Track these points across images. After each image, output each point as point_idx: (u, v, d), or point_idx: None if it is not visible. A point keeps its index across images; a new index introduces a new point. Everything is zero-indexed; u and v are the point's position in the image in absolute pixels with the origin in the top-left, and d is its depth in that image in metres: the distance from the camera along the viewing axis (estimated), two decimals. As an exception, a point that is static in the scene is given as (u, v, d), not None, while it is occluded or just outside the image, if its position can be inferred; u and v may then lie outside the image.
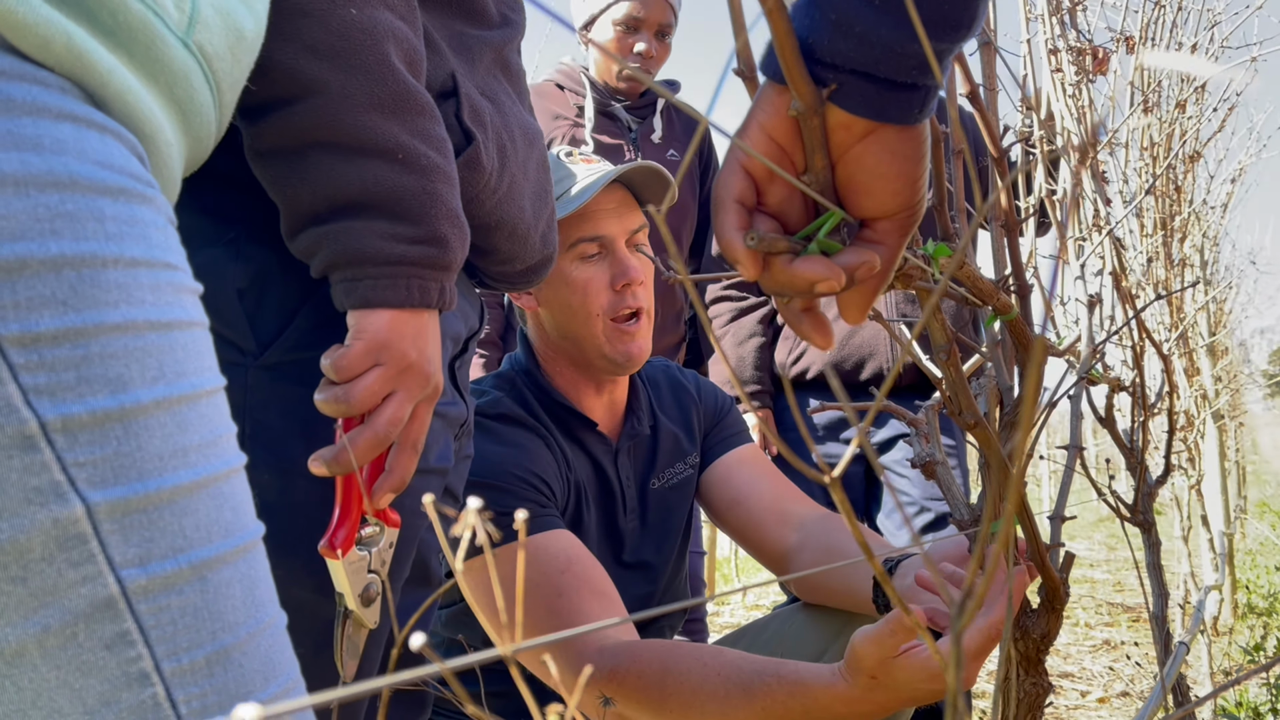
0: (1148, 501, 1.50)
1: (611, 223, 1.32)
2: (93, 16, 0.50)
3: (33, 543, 0.46)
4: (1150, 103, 1.97)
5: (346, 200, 0.68)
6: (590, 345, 1.34)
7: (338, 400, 0.68)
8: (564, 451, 1.35)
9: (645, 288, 1.35)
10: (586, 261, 1.32)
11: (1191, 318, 2.78)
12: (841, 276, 0.54)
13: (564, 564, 1.18)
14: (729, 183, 0.57)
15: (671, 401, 1.52)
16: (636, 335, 1.34)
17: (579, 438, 1.38)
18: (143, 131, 0.54)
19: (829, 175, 0.56)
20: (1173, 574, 3.29)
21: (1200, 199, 2.82)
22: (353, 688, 0.26)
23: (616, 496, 1.41)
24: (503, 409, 1.33)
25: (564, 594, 1.16)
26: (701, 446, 1.53)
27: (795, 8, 0.52)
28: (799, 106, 0.52)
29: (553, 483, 1.29)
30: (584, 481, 1.37)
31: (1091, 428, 6.82)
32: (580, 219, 1.30)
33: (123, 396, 0.49)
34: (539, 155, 0.91)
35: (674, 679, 1.03)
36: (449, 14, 0.83)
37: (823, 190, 0.55)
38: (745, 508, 1.44)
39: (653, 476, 1.45)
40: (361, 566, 0.73)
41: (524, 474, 1.25)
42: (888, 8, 0.50)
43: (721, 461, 1.50)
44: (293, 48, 0.65)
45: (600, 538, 1.40)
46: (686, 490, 1.50)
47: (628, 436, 1.42)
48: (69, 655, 0.48)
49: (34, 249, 0.46)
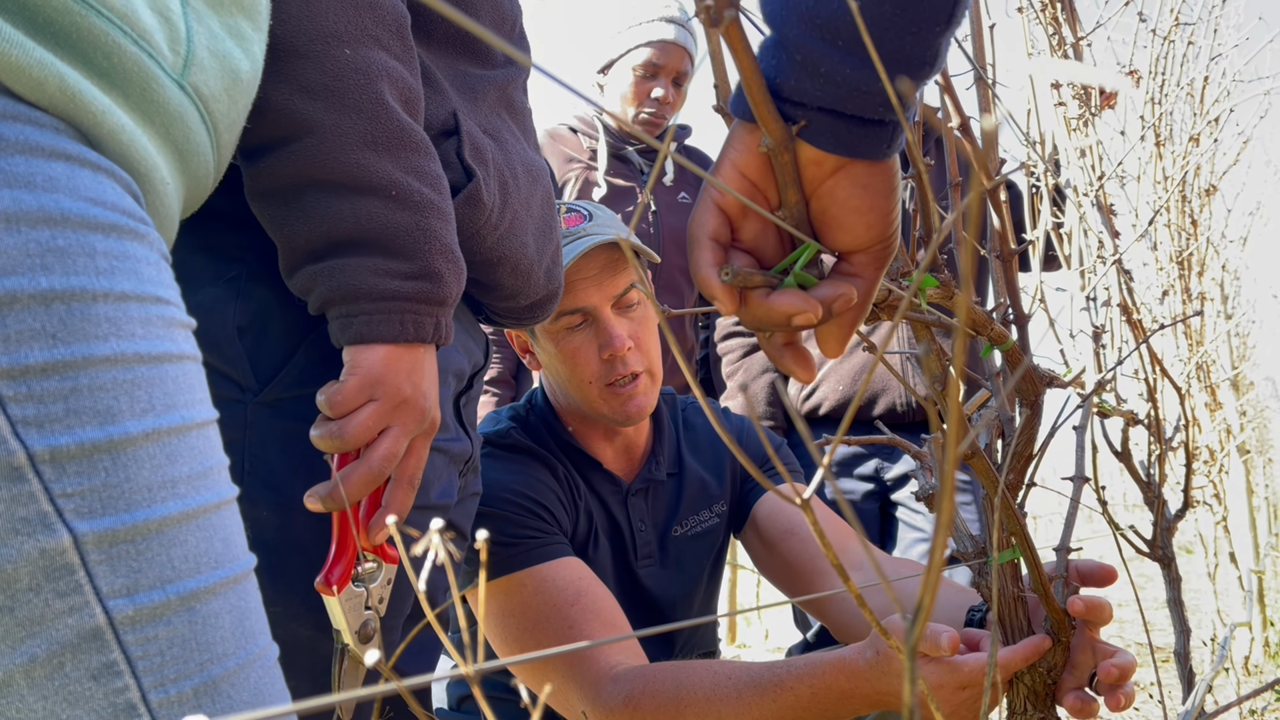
0: (1166, 536, 1.48)
1: (592, 292, 1.29)
2: (87, 58, 0.52)
3: (20, 573, 0.46)
4: (1161, 137, 1.97)
5: (341, 237, 0.69)
6: (589, 407, 1.34)
7: (332, 435, 0.69)
8: (572, 481, 1.34)
9: (638, 350, 1.32)
10: (573, 332, 1.30)
11: (1212, 351, 2.75)
12: (818, 309, 0.54)
13: (573, 596, 1.17)
14: (703, 220, 0.57)
15: (707, 445, 1.50)
16: (635, 395, 1.31)
17: (588, 477, 1.38)
18: (137, 170, 0.55)
19: (803, 209, 0.56)
20: (1205, 613, 3.23)
21: (1219, 232, 2.81)
22: (308, 702, 0.26)
23: (626, 539, 1.39)
24: (511, 439, 1.33)
25: (575, 626, 1.15)
26: (741, 489, 1.50)
27: (762, 48, 0.53)
28: (769, 143, 0.53)
29: (556, 510, 1.28)
30: (595, 515, 1.36)
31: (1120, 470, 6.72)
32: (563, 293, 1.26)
33: (111, 428, 0.49)
34: (543, 192, 0.93)
35: (688, 691, 1.04)
36: (452, 54, 0.85)
37: (797, 224, 0.56)
38: (799, 537, 1.39)
39: (675, 524, 1.43)
40: (359, 603, 0.73)
41: (525, 501, 1.24)
42: (850, 48, 0.50)
43: (770, 495, 1.46)
44: (288, 89, 0.67)
45: (615, 581, 1.39)
46: (712, 540, 1.48)
47: (643, 480, 1.41)
48: (56, 685, 0.48)
49: (24, 283, 0.47)
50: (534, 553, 1.21)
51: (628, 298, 1.31)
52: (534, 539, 1.23)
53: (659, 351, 1.37)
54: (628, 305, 1.32)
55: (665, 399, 1.51)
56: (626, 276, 1.31)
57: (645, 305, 1.34)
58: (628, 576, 1.40)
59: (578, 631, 1.15)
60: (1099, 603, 0.90)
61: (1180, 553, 6.23)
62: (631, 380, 1.31)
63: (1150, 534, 1.45)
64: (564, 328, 1.30)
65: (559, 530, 1.27)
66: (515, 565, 1.21)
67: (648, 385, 1.33)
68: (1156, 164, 1.96)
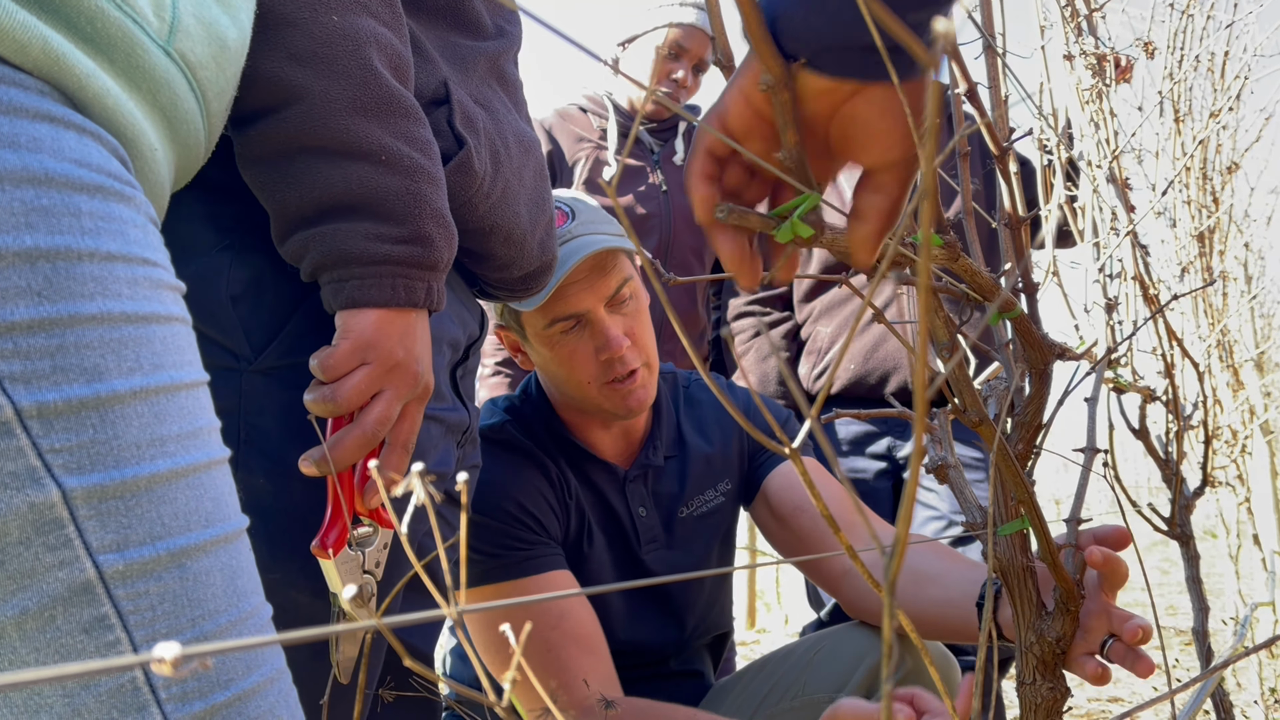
0: (1184, 514, 1.46)
1: (584, 296, 1.26)
2: (71, 23, 0.52)
3: (9, 526, 0.47)
4: (1180, 113, 1.94)
5: (332, 203, 0.69)
6: (589, 405, 1.33)
7: (325, 399, 0.69)
8: (564, 479, 1.34)
9: (636, 347, 1.30)
10: (567, 335, 1.28)
11: (1235, 331, 2.72)
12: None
13: (555, 619, 1.18)
14: (694, 164, 0.58)
15: (714, 421, 1.49)
16: (635, 389, 1.30)
17: (582, 468, 1.37)
18: (124, 135, 0.56)
19: (802, 151, 0.56)
20: (1228, 595, 3.20)
21: (1242, 210, 2.77)
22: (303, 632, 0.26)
23: (626, 527, 1.39)
24: (504, 435, 1.33)
25: (554, 650, 1.16)
26: (751, 464, 1.49)
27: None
28: (769, 80, 0.53)
29: (545, 518, 1.28)
30: (589, 509, 1.36)
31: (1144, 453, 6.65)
32: (551, 300, 1.24)
33: (99, 385, 0.50)
34: (535, 163, 0.93)
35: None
36: (442, 25, 0.85)
37: (796, 166, 0.56)
38: (810, 513, 1.39)
39: (681, 505, 1.43)
40: (355, 567, 0.74)
41: (514, 509, 1.25)
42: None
43: (783, 469, 1.46)
44: (277, 56, 0.67)
45: (616, 570, 1.38)
46: (719, 518, 1.47)
47: (639, 466, 1.40)
48: (47, 638, 0.48)
49: (8, 241, 0.47)
50: (521, 565, 1.22)
51: (620, 294, 1.29)
52: (520, 550, 1.23)
53: (654, 340, 1.36)
54: (620, 302, 1.30)
55: (665, 378, 1.49)
56: (617, 275, 1.28)
57: (637, 297, 1.32)
58: (631, 564, 1.39)
59: (555, 655, 1.16)
60: (1116, 557, 0.89)
61: (1205, 537, 6.18)
62: (630, 376, 1.29)
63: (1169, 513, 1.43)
64: (558, 332, 1.28)
65: (546, 538, 1.27)
66: (500, 576, 1.22)
67: (646, 377, 1.32)
68: (1176, 140, 1.94)
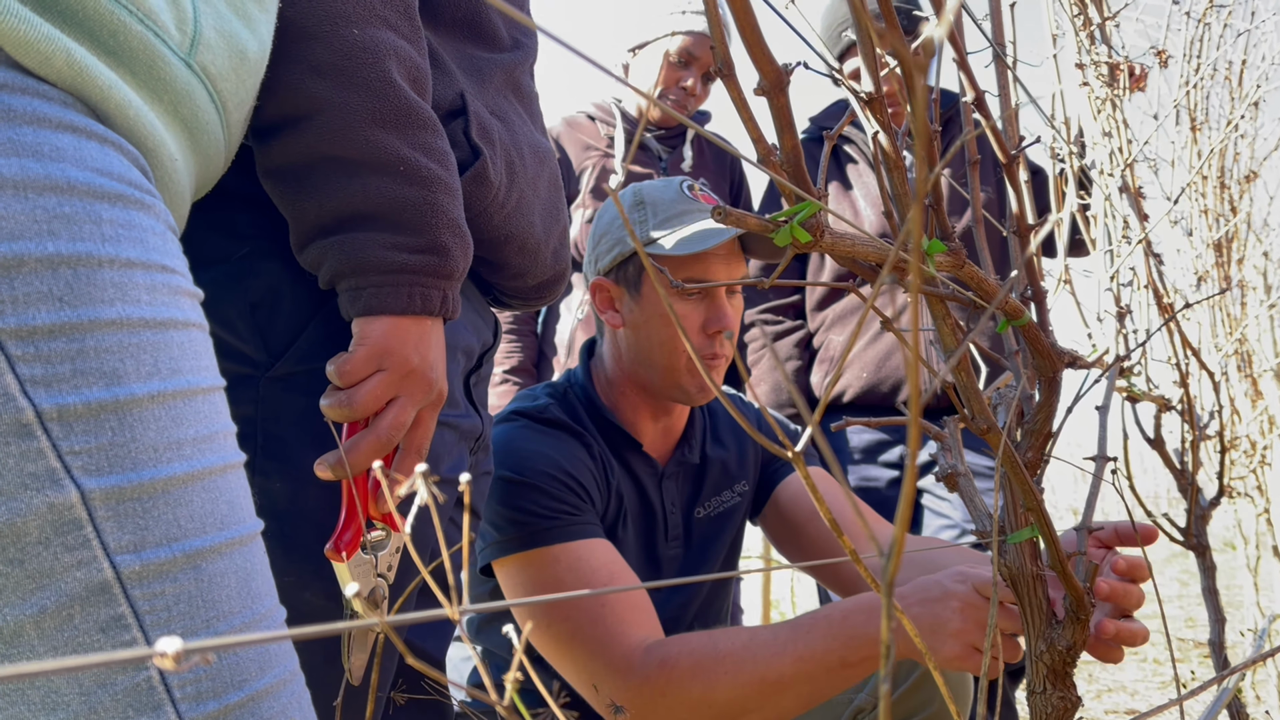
0: (1200, 525, 1.45)
1: (720, 270, 1.31)
2: (93, 35, 0.53)
3: (29, 526, 0.48)
4: (1197, 121, 1.94)
5: (351, 212, 0.70)
6: (668, 376, 1.34)
7: (341, 405, 0.71)
8: (606, 461, 1.35)
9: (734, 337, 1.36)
10: (687, 300, 1.32)
11: (1254, 341, 2.70)
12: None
13: (606, 578, 1.18)
14: None
15: (729, 430, 1.53)
16: (719, 367, 1.35)
17: (624, 457, 1.38)
18: (145, 145, 0.57)
19: (799, 156, 0.56)
20: (1247, 608, 3.16)
21: (1260, 219, 2.75)
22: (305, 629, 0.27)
23: (659, 521, 1.41)
24: (549, 414, 1.34)
25: (608, 605, 1.15)
26: (764, 470, 1.52)
27: None
28: (764, 85, 0.53)
29: (590, 488, 1.28)
30: (626, 496, 1.37)
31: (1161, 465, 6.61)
32: (693, 260, 1.29)
33: (117, 389, 0.51)
34: (550, 174, 0.94)
35: (725, 640, 1.07)
36: (459, 38, 0.87)
37: (793, 173, 0.56)
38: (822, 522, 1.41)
39: (698, 505, 1.45)
40: (368, 569, 0.75)
41: (563, 475, 1.24)
42: None
43: (796, 476, 1.48)
44: (298, 68, 0.69)
45: (639, 561, 1.39)
46: (732, 519, 1.49)
47: (676, 463, 1.43)
48: (65, 637, 0.50)
49: (31, 248, 0.48)
50: (569, 529, 1.21)
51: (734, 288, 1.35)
52: (570, 515, 1.22)
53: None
54: (731, 294, 1.36)
55: None
56: (743, 266, 1.35)
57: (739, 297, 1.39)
58: (651, 559, 1.41)
59: (610, 612, 1.15)
60: (1138, 561, 0.92)
61: (1225, 548, 6.12)
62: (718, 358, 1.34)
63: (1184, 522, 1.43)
64: (680, 293, 1.31)
65: (592, 508, 1.27)
66: (550, 539, 1.20)
67: (723, 370, 1.37)
68: (1192, 148, 1.93)
